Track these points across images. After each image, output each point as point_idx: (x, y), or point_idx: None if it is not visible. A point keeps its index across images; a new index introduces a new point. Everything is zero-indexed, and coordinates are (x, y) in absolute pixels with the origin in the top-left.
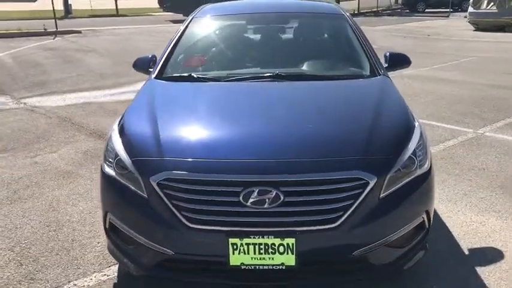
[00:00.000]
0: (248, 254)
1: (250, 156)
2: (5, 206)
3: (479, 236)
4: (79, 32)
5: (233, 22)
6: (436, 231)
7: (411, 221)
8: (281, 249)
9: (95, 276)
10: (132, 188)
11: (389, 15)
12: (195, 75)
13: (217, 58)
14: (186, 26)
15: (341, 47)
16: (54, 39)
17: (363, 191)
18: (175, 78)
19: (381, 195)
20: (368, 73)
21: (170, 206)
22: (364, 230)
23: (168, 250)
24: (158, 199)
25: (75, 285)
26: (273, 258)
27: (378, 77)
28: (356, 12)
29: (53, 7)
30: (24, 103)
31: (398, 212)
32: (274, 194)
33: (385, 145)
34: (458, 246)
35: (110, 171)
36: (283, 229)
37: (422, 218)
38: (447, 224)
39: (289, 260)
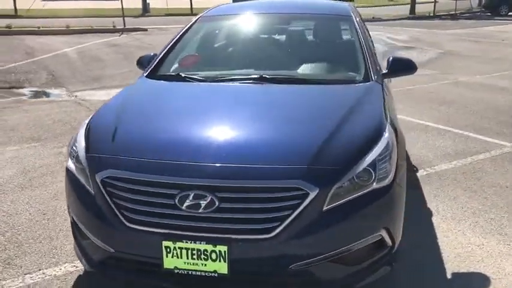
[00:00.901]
0: (181, 258)
1: (189, 159)
2: (15, 193)
3: (471, 259)
4: (145, 30)
5: (235, 22)
6: (424, 250)
7: (363, 238)
8: (213, 256)
9: (64, 267)
10: (84, 183)
11: (467, 18)
12: (182, 75)
13: (211, 58)
14: (191, 25)
15: (339, 51)
16: (120, 36)
17: (302, 202)
18: (165, 77)
19: (325, 208)
20: (361, 78)
21: (111, 204)
22: (303, 243)
23: (109, 248)
24: (101, 196)
25: (43, 273)
26: (205, 265)
27: (368, 83)
28: (431, 15)
29: (122, 6)
30: (76, 96)
31: (344, 227)
32: (209, 199)
33: (337, 155)
34: (443, 269)
35: (71, 165)
36: (215, 235)
37: (380, 235)
38: (440, 244)
39: (222, 268)
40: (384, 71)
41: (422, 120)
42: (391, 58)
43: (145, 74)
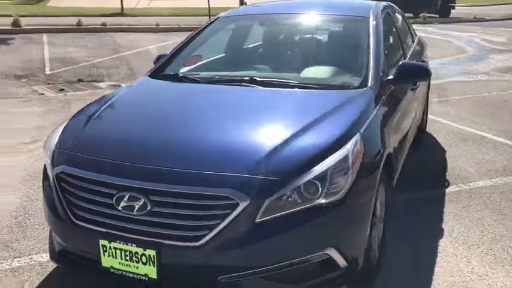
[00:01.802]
0: (116, 258)
1: (131, 160)
2: None
3: None
4: None
5: (248, 23)
6: (412, 274)
7: (303, 256)
8: (144, 259)
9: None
10: (50, 176)
11: None
12: (180, 75)
13: (214, 59)
14: (207, 25)
15: (343, 54)
16: None
17: (232, 212)
18: (165, 77)
19: (257, 220)
20: (357, 84)
21: (62, 199)
22: (232, 255)
23: (61, 241)
24: (55, 191)
25: (30, 258)
26: (137, 267)
27: (360, 89)
28: None
29: (209, 5)
30: None
31: (280, 243)
32: (142, 201)
33: (280, 165)
34: None
35: (46, 159)
36: (146, 239)
37: (327, 255)
38: (436, 269)
39: (151, 272)
40: (390, 77)
41: (479, 130)
42: (401, 63)
43: (148, 74)
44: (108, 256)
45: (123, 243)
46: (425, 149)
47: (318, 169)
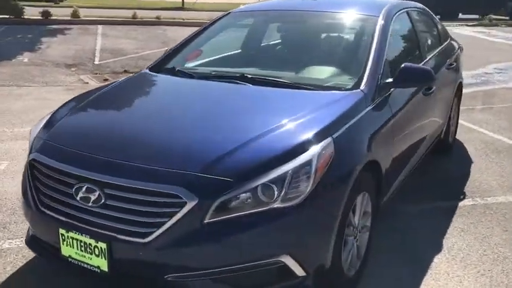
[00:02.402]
0: (73, 248)
1: (93, 152)
2: None
3: None
4: None
5: (256, 20)
6: None
7: (255, 261)
8: (96, 251)
9: None
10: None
11: None
12: (176, 69)
13: (211, 54)
14: (217, 20)
15: (345, 54)
16: None
17: (180, 211)
18: (163, 71)
19: (206, 221)
20: (350, 86)
21: (32, 185)
22: (179, 254)
23: (31, 227)
24: (27, 177)
25: (21, 241)
26: (91, 259)
27: (350, 91)
28: None
29: None
30: None
31: (229, 245)
32: (97, 194)
33: (235, 166)
34: None
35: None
36: (98, 231)
37: (282, 262)
38: (421, 287)
39: (103, 265)
40: (389, 80)
41: None
42: (403, 66)
43: (149, 67)
44: (67, 245)
45: (79, 234)
46: (450, 158)
47: (276, 172)
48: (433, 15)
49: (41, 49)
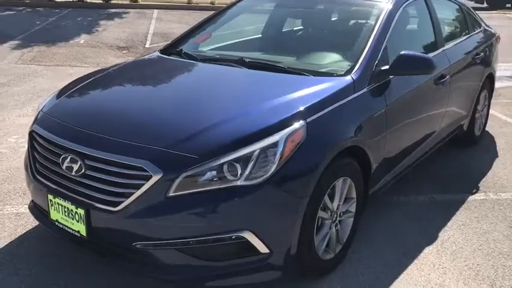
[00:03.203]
0: (59, 213)
1: (80, 125)
2: None
3: None
4: None
5: (267, 5)
6: (372, 276)
7: (216, 235)
8: (77, 217)
9: None
10: None
11: None
12: (183, 52)
13: (220, 37)
14: (236, 2)
15: (347, 40)
16: None
17: (145, 183)
18: (173, 53)
19: (169, 194)
20: (343, 72)
21: (30, 155)
22: (144, 224)
23: (30, 193)
24: (28, 147)
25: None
26: (73, 224)
27: (340, 77)
28: None
29: None
30: None
31: (191, 218)
32: (79, 164)
33: (202, 144)
34: None
35: None
36: (78, 198)
37: (243, 238)
38: (402, 276)
39: (82, 230)
40: (385, 68)
41: None
42: (401, 53)
43: (160, 49)
44: (54, 210)
45: (63, 200)
46: (474, 151)
47: (241, 152)
48: (462, 2)
49: (97, 31)
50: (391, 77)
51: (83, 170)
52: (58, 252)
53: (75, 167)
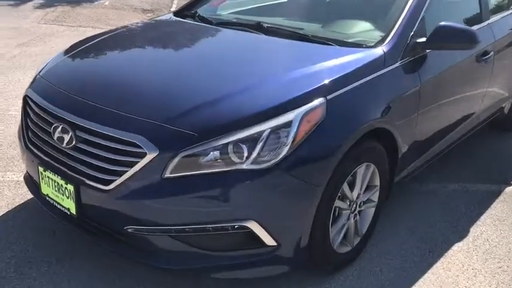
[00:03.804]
0: (49, 187)
1: (72, 93)
2: None
3: None
4: None
5: None
6: (393, 274)
7: (218, 224)
8: (66, 193)
9: None
10: None
11: None
12: (197, 14)
13: (238, 1)
14: None
15: (379, 9)
16: None
17: (139, 161)
18: (187, 16)
19: (165, 175)
20: (373, 44)
21: (23, 121)
22: (137, 206)
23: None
24: (22, 112)
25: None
26: (63, 200)
27: (369, 49)
28: None
29: None
30: None
31: (189, 204)
32: (70, 135)
33: (201, 120)
34: None
35: None
36: (68, 172)
37: (247, 228)
38: (427, 275)
39: (72, 207)
40: (421, 40)
41: None
42: (440, 24)
43: (173, 11)
44: (44, 184)
45: (53, 173)
46: None
47: (248, 131)
48: None
49: None
50: (427, 51)
51: (74, 142)
52: (54, 228)
53: (66, 138)
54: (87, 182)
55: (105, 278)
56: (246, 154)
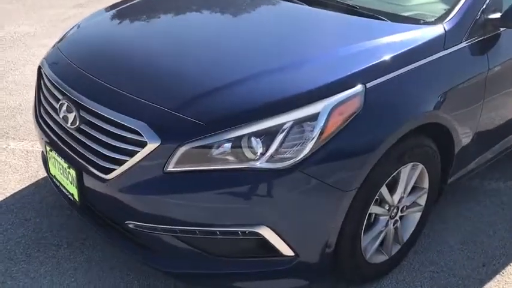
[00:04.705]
0: (56, 168)
1: (82, 67)
2: None
3: None
4: None
5: None
6: None
7: (224, 228)
8: (70, 177)
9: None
10: None
11: None
12: None
13: None
14: None
15: None
16: None
17: (140, 151)
18: None
19: (167, 169)
20: (433, 19)
21: (36, 94)
22: (137, 201)
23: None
24: (36, 85)
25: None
26: (68, 184)
27: (427, 25)
28: None
29: None
30: None
31: (192, 203)
32: (74, 115)
33: (212, 107)
34: None
35: None
36: (71, 155)
37: (259, 234)
38: None
39: (75, 193)
40: (494, 16)
41: None
42: None
43: None
44: (52, 165)
45: (57, 154)
46: None
47: (265, 124)
48: None
49: None
50: (501, 29)
51: (77, 123)
52: (71, 208)
53: (71, 118)
54: (89, 168)
55: (114, 270)
56: (261, 150)
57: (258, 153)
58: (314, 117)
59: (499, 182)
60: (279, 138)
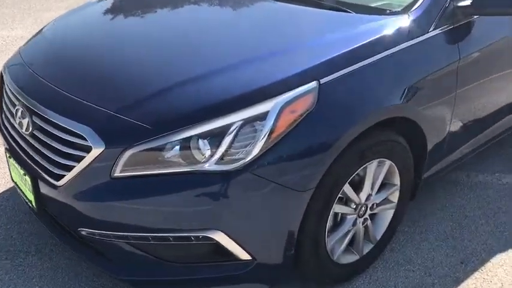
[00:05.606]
0: (16, 175)
1: (38, 71)
2: None
3: None
4: None
5: None
6: None
7: (179, 232)
8: (27, 184)
9: None
10: None
11: None
12: None
13: None
14: None
15: None
16: None
17: (86, 156)
18: None
19: (114, 174)
20: (400, 9)
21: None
22: (88, 208)
23: None
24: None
25: None
26: (26, 191)
27: (393, 15)
28: None
29: None
30: None
31: (142, 210)
32: (27, 120)
33: (158, 109)
34: None
35: None
36: (27, 161)
37: (211, 239)
38: None
39: (32, 200)
40: (464, 3)
41: None
42: None
43: None
44: (13, 171)
45: (15, 161)
46: None
47: (213, 124)
48: None
49: None
50: (475, 17)
51: (30, 129)
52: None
53: (25, 123)
54: (43, 175)
55: (80, 277)
56: (208, 152)
57: (206, 155)
58: (264, 116)
59: (485, 174)
60: (228, 139)
